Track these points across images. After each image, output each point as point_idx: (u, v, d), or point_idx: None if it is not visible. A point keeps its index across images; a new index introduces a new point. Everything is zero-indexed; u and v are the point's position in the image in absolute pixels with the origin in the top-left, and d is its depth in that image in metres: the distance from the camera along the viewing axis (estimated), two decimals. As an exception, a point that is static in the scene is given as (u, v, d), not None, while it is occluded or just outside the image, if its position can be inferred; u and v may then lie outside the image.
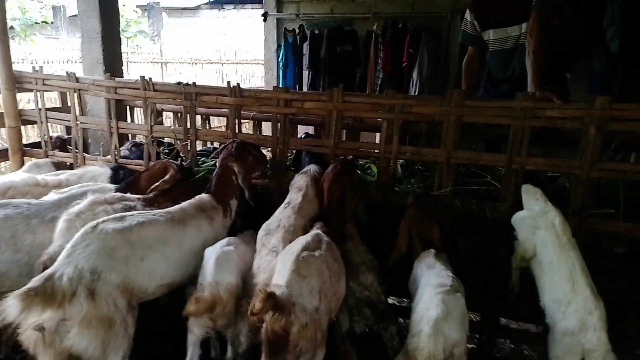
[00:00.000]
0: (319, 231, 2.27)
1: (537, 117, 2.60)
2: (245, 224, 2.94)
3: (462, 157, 2.80)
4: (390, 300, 2.81)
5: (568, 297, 2.16)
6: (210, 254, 2.34)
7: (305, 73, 7.42)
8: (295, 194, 2.70)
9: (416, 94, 6.41)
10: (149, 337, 2.58)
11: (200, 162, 3.45)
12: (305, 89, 7.35)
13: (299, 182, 2.77)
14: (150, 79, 3.45)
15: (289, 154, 3.48)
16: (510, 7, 3.41)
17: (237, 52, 16.66)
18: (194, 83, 3.35)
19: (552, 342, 2.20)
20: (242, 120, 3.39)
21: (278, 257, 2.12)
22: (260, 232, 2.51)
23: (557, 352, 2.16)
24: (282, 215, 2.55)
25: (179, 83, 3.37)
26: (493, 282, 2.71)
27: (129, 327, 2.07)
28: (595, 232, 2.59)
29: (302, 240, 2.12)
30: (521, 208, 2.53)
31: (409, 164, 3.30)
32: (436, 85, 6.37)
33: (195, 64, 16.32)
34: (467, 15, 3.68)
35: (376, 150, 3.02)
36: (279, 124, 3.19)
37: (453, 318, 1.90)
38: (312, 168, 2.90)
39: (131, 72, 13.27)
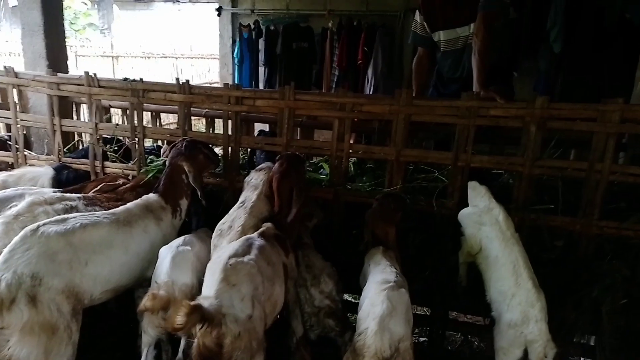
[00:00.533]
0: (253, 235, 2.23)
1: (482, 116, 2.68)
2: (201, 223, 2.89)
3: (411, 154, 2.85)
4: (345, 296, 2.83)
5: (512, 291, 2.23)
6: (166, 253, 2.30)
7: (261, 69, 7.34)
8: (251, 192, 2.63)
9: (371, 92, 6.47)
10: (99, 342, 2.52)
11: (149, 161, 3.36)
12: (261, 85, 7.28)
13: (255, 180, 2.70)
14: (95, 74, 3.31)
15: (242, 153, 3.44)
16: (458, 7, 3.47)
17: (193, 47, 16.29)
18: (141, 79, 3.25)
19: (497, 334, 2.27)
20: (197, 118, 3.31)
21: (207, 266, 2.06)
22: (214, 233, 2.46)
23: (502, 344, 2.23)
24: (235, 216, 2.50)
25: (125, 79, 3.26)
26: (442, 277, 2.77)
27: (73, 334, 2.01)
28: (537, 226, 2.69)
29: (230, 248, 2.07)
30: (467, 204, 2.60)
31: (361, 162, 3.33)
32: (391, 84, 6.44)
33: (149, 58, 15.80)
34: (417, 17, 3.72)
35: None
36: (230, 122, 3.14)
37: (398, 313, 1.93)
38: (270, 165, 2.80)
39: (80, 66, 12.77)
